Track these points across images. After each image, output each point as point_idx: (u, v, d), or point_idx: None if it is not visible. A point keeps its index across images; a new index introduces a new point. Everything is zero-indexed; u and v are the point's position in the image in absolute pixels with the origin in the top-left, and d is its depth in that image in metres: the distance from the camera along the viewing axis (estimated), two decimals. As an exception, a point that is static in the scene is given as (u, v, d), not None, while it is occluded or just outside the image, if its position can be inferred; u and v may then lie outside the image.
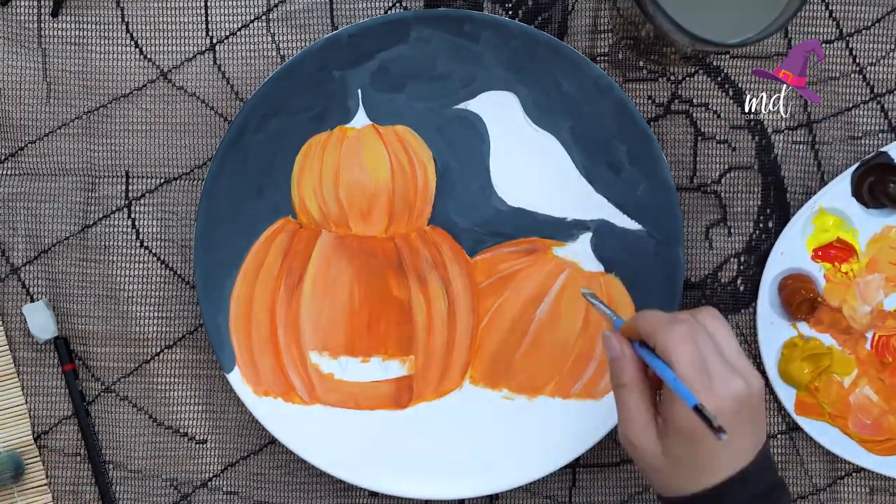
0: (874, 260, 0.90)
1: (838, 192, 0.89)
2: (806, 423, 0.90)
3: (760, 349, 0.90)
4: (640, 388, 0.75)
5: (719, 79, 0.90)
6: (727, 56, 0.90)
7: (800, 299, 0.88)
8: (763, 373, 0.90)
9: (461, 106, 0.88)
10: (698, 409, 0.68)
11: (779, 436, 0.92)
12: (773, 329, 0.90)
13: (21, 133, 0.89)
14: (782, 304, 0.90)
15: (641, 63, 0.90)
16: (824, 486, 0.92)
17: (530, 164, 0.88)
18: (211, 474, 0.91)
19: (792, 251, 0.90)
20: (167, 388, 0.91)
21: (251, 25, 0.89)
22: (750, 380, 0.73)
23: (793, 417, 0.90)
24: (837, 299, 0.90)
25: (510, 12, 0.89)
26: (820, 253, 0.90)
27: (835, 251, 0.90)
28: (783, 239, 0.89)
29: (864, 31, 0.90)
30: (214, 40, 0.89)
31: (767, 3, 0.79)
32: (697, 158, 0.90)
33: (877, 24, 0.90)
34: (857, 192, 0.89)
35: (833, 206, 0.89)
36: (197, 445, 0.91)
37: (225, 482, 0.91)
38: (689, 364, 0.72)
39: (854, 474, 0.91)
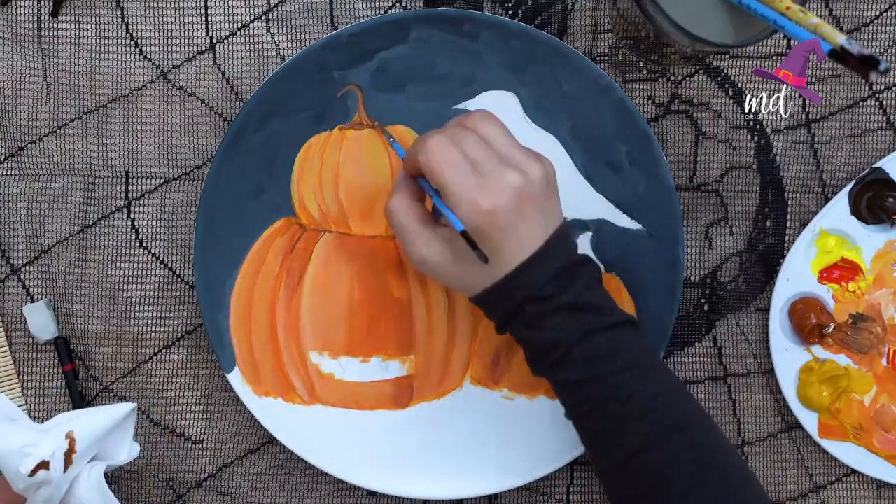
0: (880, 276, 0.90)
1: (837, 211, 0.89)
2: (831, 446, 0.90)
3: (777, 377, 0.90)
4: (414, 207, 0.79)
5: (719, 79, 0.90)
6: (727, 56, 0.90)
7: (810, 325, 0.88)
8: (786, 403, 0.90)
9: (461, 106, 0.88)
10: (465, 235, 0.73)
11: (779, 435, 0.92)
12: (788, 356, 0.90)
13: (21, 133, 0.89)
14: (794, 329, 0.90)
15: (641, 63, 0.90)
16: (825, 483, 0.92)
17: (530, 164, 0.88)
18: (206, 475, 0.91)
19: (798, 276, 0.90)
20: (165, 388, 0.91)
21: (251, 25, 0.89)
22: (528, 168, 0.75)
23: (816, 440, 0.90)
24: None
25: (510, 12, 0.89)
26: (825, 274, 0.90)
27: (840, 271, 0.90)
28: (787, 265, 0.89)
29: (863, 28, 0.90)
30: (214, 40, 0.89)
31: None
32: (697, 158, 0.90)
33: (876, 21, 0.90)
34: (855, 210, 0.89)
35: (833, 226, 0.89)
36: (193, 445, 0.91)
37: (220, 482, 0.91)
38: (454, 169, 0.74)
39: (858, 472, 0.91)
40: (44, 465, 0.76)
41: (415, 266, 0.79)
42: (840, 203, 0.89)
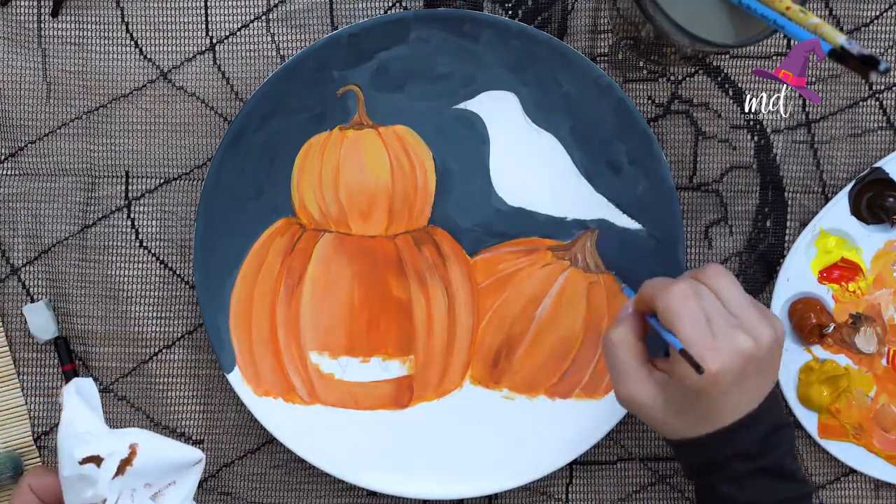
0: (880, 276, 0.90)
1: (837, 211, 0.89)
2: (831, 446, 0.90)
3: (778, 377, 0.90)
4: (635, 345, 0.77)
5: (719, 79, 0.90)
6: (727, 56, 0.90)
7: (810, 325, 0.88)
8: (783, 400, 0.90)
9: (461, 106, 0.88)
10: (684, 352, 0.71)
11: (779, 435, 0.92)
12: (788, 355, 0.90)
13: (21, 133, 0.89)
14: (794, 329, 0.90)
15: (641, 63, 0.90)
16: (825, 483, 0.92)
17: (530, 164, 0.88)
18: (206, 474, 0.91)
19: (798, 276, 0.90)
20: (165, 388, 0.91)
21: (251, 25, 0.89)
22: (758, 334, 0.73)
23: (816, 440, 0.90)
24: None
25: (510, 12, 0.89)
26: (825, 274, 0.90)
27: (840, 271, 0.90)
28: (787, 265, 0.89)
29: (863, 28, 0.90)
30: (214, 40, 0.89)
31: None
32: (697, 158, 0.90)
33: (877, 20, 0.90)
34: (855, 210, 0.89)
35: (833, 226, 0.89)
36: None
37: (220, 482, 0.91)
38: (690, 322, 0.72)
39: (857, 471, 0.91)
40: (96, 459, 0.74)
41: (620, 402, 0.78)
42: (840, 203, 0.89)
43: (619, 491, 0.92)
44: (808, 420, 0.90)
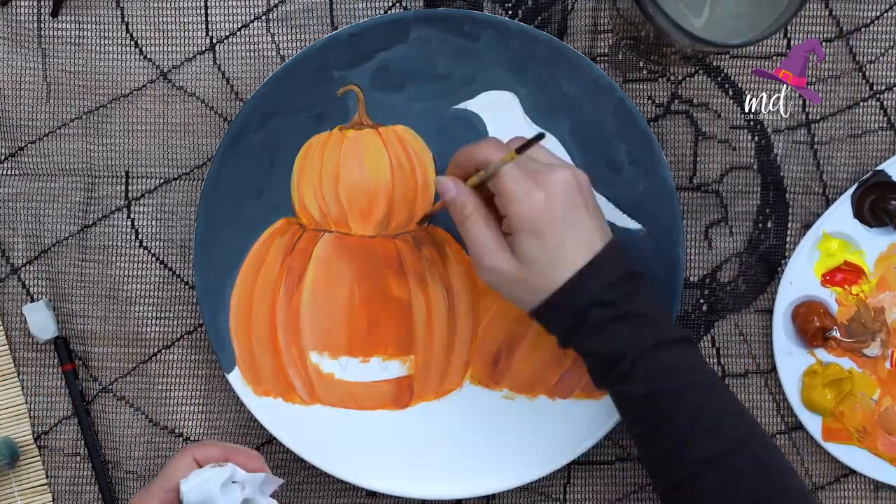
0: (883, 279, 0.90)
1: (840, 214, 0.89)
2: (835, 449, 0.90)
3: (781, 380, 0.90)
4: (485, 214, 0.79)
5: (719, 79, 0.90)
6: (727, 56, 0.90)
7: (813, 328, 0.88)
8: (786, 404, 0.90)
9: (461, 106, 0.88)
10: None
11: (779, 436, 0.91)
12: (792, 359, 0.90)
13: (21, 133, 0.89)
14: (797, 332, 0.90)
15: (641, 63, 0.90)
16: (825, 484, 0.92)
17: (530, 164, 0.88)
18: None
19: (801, 279, 0.89)
20: (165, 387, 0.91)
21: (251, 25, 0.89)
22: (574, 171, 0.78)
23: (820, 443, 0.90)
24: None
25: (510, 12, 0.89)
26: (828, 277, 0.90)
27: (843, 274, 0.90)
28: (790, 268, 0.89)
29: (863, 29, 0.90)
30: (214, 40, 0.89)
31: (767, 3, 0.78)
32: (697, 158, 0.90)
33: (876, 21, 0.90)
34: (858, 213, 0.89)
35: (836, 229, 0.89)
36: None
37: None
38: (509, 168, 0.76)
39: (857, 472, 0.91)
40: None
41: (483, 276, 0.80)
42: (843, 206, 0.89)
43: (617, 491, 0.92)
44: (812, 423, 0.90)
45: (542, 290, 0.77)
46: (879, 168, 0.89)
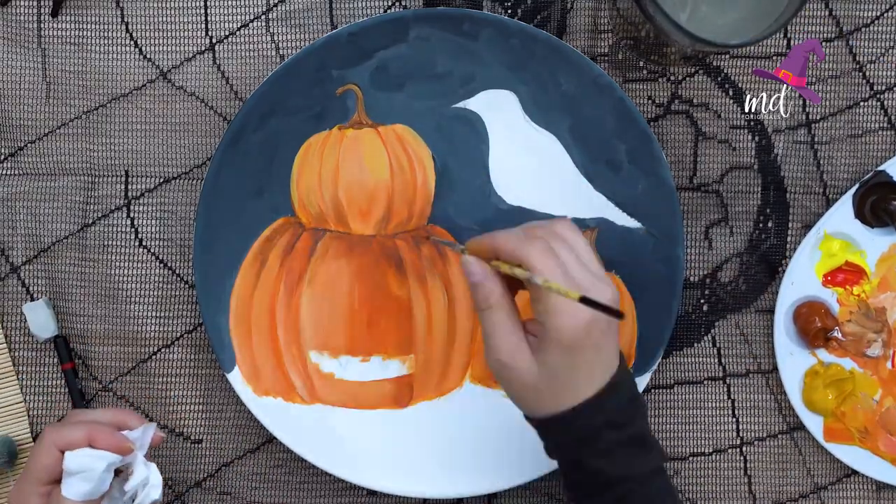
0: (885, 279, 0.90)
1: (841, 215, 0.89)
2: (836, 449, 0.90)
3: (783, 380, 0.90)
4: (509, 307, 0.73)
5: (719, 79, 0.90)
6: (727, 56, 0.90)
7: (814, 328, 0.88)
8: (788, 404, 0.90)
9: (460, 105, 0.88)
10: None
11: (780, 436, 0.91)
12: (793, 359, 0.90)
13: (21, 133, 0.90)
14: (798, 333, 0.90)
15: (641, 63, 0.90)
16: (827, 484, 0.92)
17: (530, 163, 0.88)
18: (205, 474, 0.91)
19: (802, 280, 0.89)
20: (165, 387, 0.91)
21: (250, 25, 0.89)
22: (612, 285, 0.73)
23: (821, 444, 0.90)
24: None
25: (509, 11, 0.89)
26: (830, 278, 0.90)
27: (844, 275, 0.90)
28: (792, 268, 0.89)
29: (863, 29, 0.90)
30: (214, 40, 0.89)
31: (767, 3, 0.78)
32: (697, 158, 0.90)
33: (877, 21, 0.90)
34: (859, 213, 0.89)
35: (838, 230, 0.89)
36: (193, 445, 0.91)
37: (219, 482, 0.91)
38: (555, 275, 0.70)
39: (859, 473, 0.91)
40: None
41: (493, 368, 0.74)
42: (844, 206, 0.89)
43: (619, 491, 0.92)
44: (814, 423, 0.90)
45: (555, 404, 0.73)
46: (881, 168, 0.89)
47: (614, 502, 0.74)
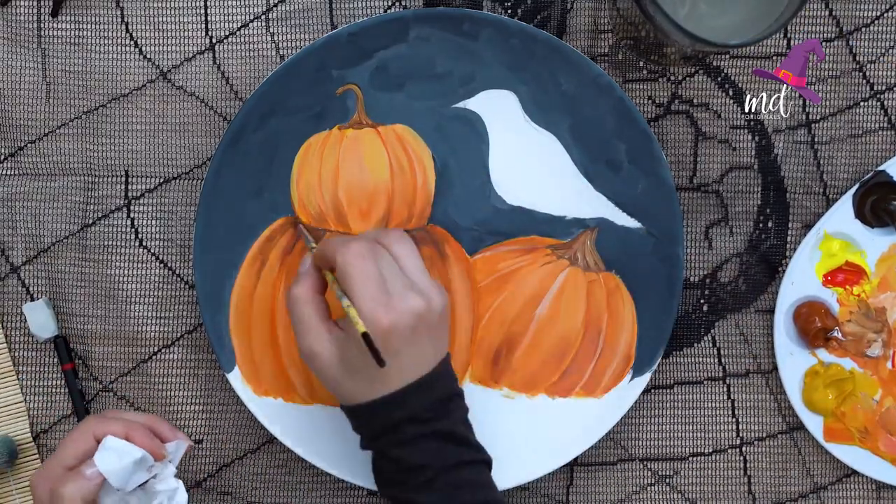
0: (885, 279, 0.90)
1: (841, 215, 0.89)
2: (836, 449, 0.90)
3: (783, 380, 0.90)
4: (316, 301, 0.78)
5: (719, 79, 0.90)
6: (727, 56, 0.90)
7: (814, 328, 0.88)
8: (788, 404, 0.90)
9: (460, 105, 0.88)
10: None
11: (779, 435, 0.91)
12: (793, 359, 0.90)
13: (21, 133, 0.89)
14: (798, 333, 0.90)
15: (641, 63, 0.90)
16: (827, 484, 0.92)
17: (530, 163, 0.88)
18: (205, 474, 0.91)
19: (802, 280, 0.89)
20: (165, 387, 0.91)
21: (250, 25, 0.89)
22: (430, 296, 0.76)
23: (821, 444, 0.90)
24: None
25: (509, 11, 0.89)
26: (830, 278, 0.90)
27: (844, 275, 0.90)
28: (792, 268, 0.89)
29: (863, 29, 0.90)
30: (214, 40, 0.89)
31: (767, 3, 0.78)
32: (697, 158, 0.90)
33: (877, 21, 0.90)
34: (859, 213, 0.89)
35: (838, 230, 0.89)
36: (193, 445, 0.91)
37: (219, 482, 0.91)
38: (365, 280, 0.75)
39: (860, 473, 0.91)
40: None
41: (303, 357, 0.78)
42: (844, 206, 0.89)
43: (619, 491, 0.92)
44: (814, 424, 0.90)
45: (359, 396, 0.77)
46: (881, 168, 0.89)
47: (417, 488, 0.77)
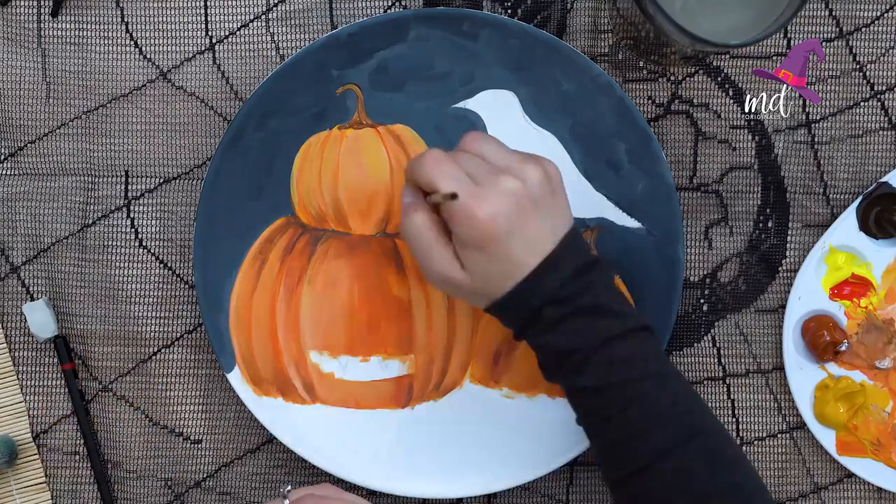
0: (891, 290, 0.90)
1: (846, 228, 0.89)
2: (850, 463, 0.90)
3: (793, 395, 0.90)
4: (438, 225, 0.78)
5: (719, 79, 0.90)
6: (727, 56, 0.90)
7: (823, 342, 0.88)
8: (800, 418, 0.90)
9: (460, 105, 0.88)
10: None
11: (780, 435, 0.91)
12: (803, 374, 0.90)
13: (21, 133, 0.90)
14: (807, 347, 0.90)
15: (641, 63, 0.90)
16: (828, 484, 0.92)
17: (530, 163, 0.88)
18: (205, 474, 0.91)
19: (809, 294, 0.89)
20: (165, 387, 0.91)
21: (250, 25, 0.89)
22: (524, 174, 0.76)
23: (834, 457, 0.90)
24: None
25: (509, 11, 0.89)
26: (836, 291, 0.90)
27: (851, 287, 0.90)
28: (798, 283, 0.89)
29: (863, 29, 0.90)
30: (214, 40, 0.89)
31: (767, 3, 0.78)
32: (697, 158, 0.90)
33: (877, 21, 0.90)
34: (863, 226, 0.89)
35: (843, 242, 0.89)
36: (192, 445, 0.91)
37: (219, 482, 0.91)
38: (448, 178, 0.74)
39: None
40: None
41: (434, 282, 0.79)
42: (848, 219, 0.89)
43: (619, 491, 0.92)
44: (826, 437, 0.90)
45: (498, 292, 0.77)
46: (883, 180, 0.89)
47: (571, 373, 0.76)
